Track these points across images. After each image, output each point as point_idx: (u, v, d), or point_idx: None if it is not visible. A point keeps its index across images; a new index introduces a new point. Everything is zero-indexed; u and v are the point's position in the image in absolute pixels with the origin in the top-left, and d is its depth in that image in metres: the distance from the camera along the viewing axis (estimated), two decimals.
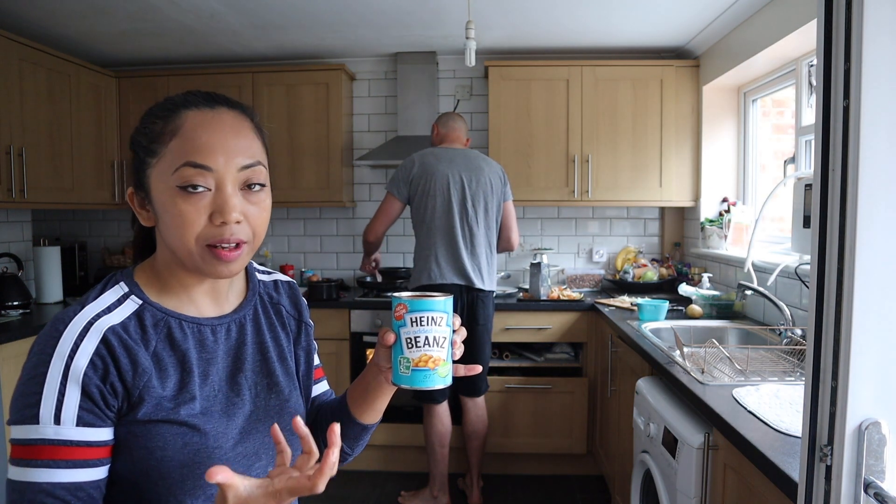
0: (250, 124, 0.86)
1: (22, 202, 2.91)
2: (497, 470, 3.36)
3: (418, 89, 3.66)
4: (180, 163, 0.79)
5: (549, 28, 3.23)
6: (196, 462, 0.81)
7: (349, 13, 2.98)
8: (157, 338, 0.83)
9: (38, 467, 0.74)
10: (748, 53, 2.82)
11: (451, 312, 0.83)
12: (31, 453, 0.74)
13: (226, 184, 0.80)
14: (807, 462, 0.85)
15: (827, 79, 0.81)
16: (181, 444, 0.80)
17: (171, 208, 0.80)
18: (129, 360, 0.79)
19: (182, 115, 0.82)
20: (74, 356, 0.76)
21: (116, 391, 0.78)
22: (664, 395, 1.95)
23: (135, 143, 0.86)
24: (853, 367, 0.79)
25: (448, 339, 0.82)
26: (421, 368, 0.80)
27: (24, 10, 2.84)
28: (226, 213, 0.79)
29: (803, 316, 2.29)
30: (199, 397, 0.84)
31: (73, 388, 0.75)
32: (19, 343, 2.56)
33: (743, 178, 3.37)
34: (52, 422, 0.74)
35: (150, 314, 0.84)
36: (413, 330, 0.81)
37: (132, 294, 0.84)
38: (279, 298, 1.01)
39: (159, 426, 0.80)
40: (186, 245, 0.80)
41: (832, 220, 0.81)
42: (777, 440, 1.30)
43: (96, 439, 0.77)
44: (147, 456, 0.79)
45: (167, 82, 3.61)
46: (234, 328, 0.91)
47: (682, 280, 3.38)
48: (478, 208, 2.80)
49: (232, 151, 0.81)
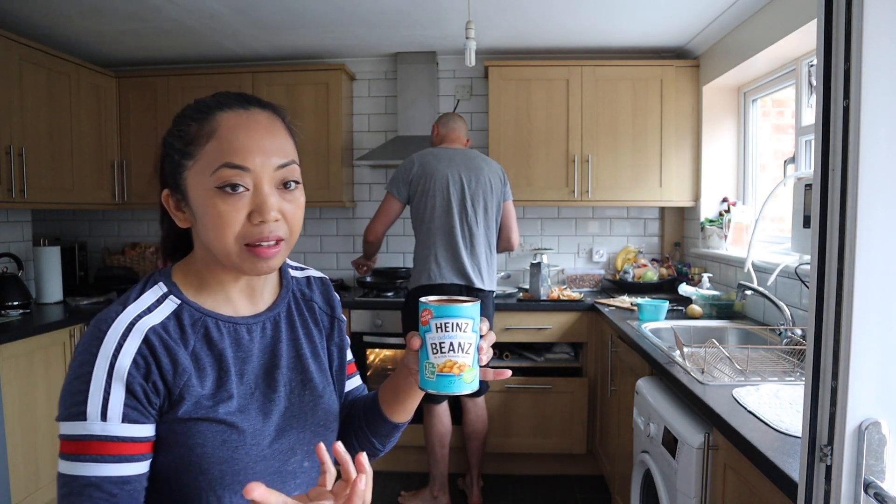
0: (282, 124, 0.88)
1: (22, 202, 2.91)
2: (497, 470, 3.36)
3: (418, 89, 3.66)
4: (218, 164, 0.81)
5: (549, 28, 3.23)
6: (234, 458, 0.83)
7: (349, 13, 2.98)
8: (195, 337, 0.86)
9: (87, 462, 0.77)
10: (748, 53, 2.82)
11: (478, 318, 0.83)
12: (80, 448, 0.77)
13: (263, 183, 0.82)
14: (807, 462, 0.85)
15: (827, 79, 0.81)
16: (220, 442, 0.83)
17: (210, 209, 0.81)
18: (169, 359, 0.81)
19: (217, 118, 0.83)
20: (118, 356, 0.79)
21: (158, 389, 0.81)
22: (664, 395, 1.95)
23: (168, 146, 0.86)
24: (853, 367, 0.79)
25: (474, 345, 0.82)
26: (446, 374, 0.81)
27: (24, 10, 2.84)
28: (264, 212, 0.81)
29: (803, 316, 2.28)
30: (237, 395, 0.86)
31: (117, 386, 0.78)
32: (19, 343, 2.55)
33: (743, 178, 3.37)
34: (99, 418, 0.77)
35: (188, 314, 0.86)
36: (438, 335, 0.81)
37: (171, 294, 0.87)
38: (312, 295, 1.02)
39: (199, 424, 0.82)
40: (226, 245, 0.82)
41: (832, 220, 0.81)
42: (777, 440, 1.30)
43: (140, 435, 0.80)
44: (187, 452, 0.82)
45: (167, 82, 3.61)
46: (269, 326, 0.93)
47: (682, 280, 3.38)
48: (477, 208, 2.80)
49: (267, 151, 0.82)
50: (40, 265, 3.22)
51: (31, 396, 2.62)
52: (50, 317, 2.86)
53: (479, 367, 0.84)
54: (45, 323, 2.72)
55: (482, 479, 3.12)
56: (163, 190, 0.88)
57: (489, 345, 0.86)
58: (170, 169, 0.86)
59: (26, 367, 2.60)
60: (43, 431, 2.69)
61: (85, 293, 3.50)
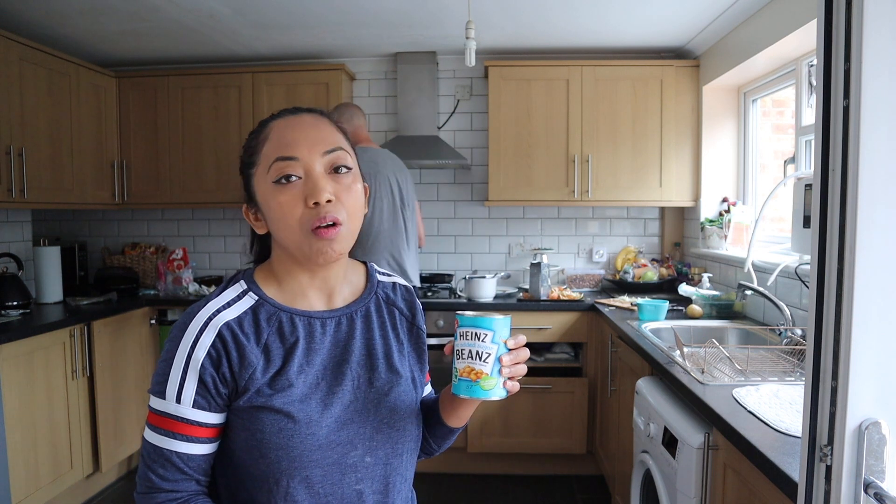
0: (328, 121, 0.96)
1: (22, 202, 2.91)
2: (497, 470, 3.36)
3: (418, 89, 3.66)
4: (272, 160, 0.90)
5: (548, 28, 3.23)
6: (290, 446, 0.89)
7: (349, 13, 2.98)
8: (270, 330, 0.93)
9: (162, 434, 0.89)
10: (748, 53, 2.82)
11: (502, 331, 0.88)
12: (160, 422, 0.89)
13: (313, 168, 0.89)
14: (807, 462, 0.85)
15: (827, 79, 0.81)
16: (276, 430, 0.89)
17: (272, 203, 0.90)
18: (238, 353, 0.89)
19: (270, 125, 0.94)
20: (195, 348, 0.89)
21: (226, 380, 0.89)
22: (664, 395, 1.95)
23: (242, 164, 0.96)
24: (853, 367, 0.79)
25: (493, 356, 0.87)
26: (464, 378, 0.88)
27: (24, 10, 2.84)
28: (317, 194, 0.88)
29: (803, 316, 2.28)
30: (298, 385, 0.91)
31: (192, 375, 0.88)
32: (19, 343, 2.55)
33: (743, 178, 3.37)
34: (175, 400, 0.88)
35: (264, 309, 0.94)
36: (460, 343, 0.89)
37: (250, 291, 0.95)
38: (395, 299, 1.07)
39: (258, 412, 0.89)
40: (292, 233, 0.89)
41: (832, 220, 0.81)
42: (777, 440, 1.30)
43: (207, 421, 0.90)
44: (249, 437, 0.90)
45: (167, 82, 3.61)
46: (344, 322, 0.98)
47: (682, 280, 3.38)
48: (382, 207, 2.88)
49: (313, 140, 0.91)
50: (40, 265, 3.22)
51: (31, 396, 2.62)
52: (50, 317, 2.86)
53: (499, 377, 0.88)
54: (45, 323, 2.72)
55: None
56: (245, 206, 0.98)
57: (513, 360, 0.89)
58: (244, 184, 0.96)
59: (26, 367, 2.60)
60: (43, 431, 2.69)
61: (85, 293, 3.50)
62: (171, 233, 4.05)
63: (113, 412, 3.12)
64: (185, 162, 3.64)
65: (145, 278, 3.79)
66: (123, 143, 3.65)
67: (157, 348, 3.49)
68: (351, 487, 0.92)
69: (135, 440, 3.31)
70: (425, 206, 3.77)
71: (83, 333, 2.93)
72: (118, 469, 3.31)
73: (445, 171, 3.86)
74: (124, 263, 3.81)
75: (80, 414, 2.92)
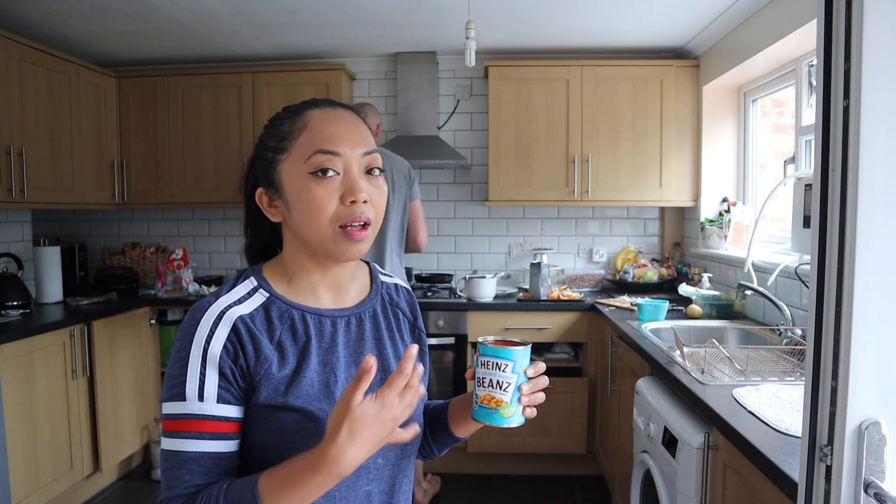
0: (363, 122, 0.97)
1: (22, 202, 2.91)
2: (497, 470, 3.36)
3: (418, 89, 3.66)
4: (311, 151, 0.88)
5: (548, 28, 3.23)
6: (310, 446, 0.85)
7: (349, 13, 2.98)
8: (282, 328, 0.91)
9: (187, 438, 0.84)
10: (748, 53, 2.82)
11: (522, 362, 0.90)
12: (181, 426, 0.84)
13: (352, 167, 0.89)
14: (807, 462, 0.85)
15: (827, 79, 0.81)
16: (297, 429, 0.87)
17: (305, 194, 0.88)
18: (253, 347, 0.88)
19: (308, 114, 0.92)
20: (211, 342, 0.86)
21: (244, 374, 0.87)
22: (664, 395, 1.95)
23: (262, 147, 0.94)
24: (853, 367, 0.79)
25: (513, 385, 0.89)
26: (485, 406, 0.90)
27: (24, 10, 2.84)
28: (356, 192, 0.88)
29: (803, 316, 2.28)
30: (315, 384, 0.90)
31: (211, 369, 0.85)
32: (19, 343, 2.55)
33: (743, 178, 3.37)
34: (197, 398, 0.84)
35: (276, 307, 0.92)
36: (481, 371, 0.90)
37: (261, 288, 0.93)
38: (398, 301, 1.07)
39: (278, 411, 0.87)
40: (321, 228, 0.88)
41: (832, 220, 0.81)
42: (777, 440, 1.30)
43: (232, 415, 0.87)
44: (268, 437, 0.88)
45: (167, 82, 3.61)
46: (353, 322, 0.97)
47: (682, 280, 3.38)
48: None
49: (355, 140, 0.90)
50: (40, 265, 3.22)
51: (31, 396, 2.62)
52: (50, 317, 2.86)
53: (518, 405, 0.90)
54: (45, 323, 2.72)
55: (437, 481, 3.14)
56: (254, 191, 0.94)
57: (532, 389, 0.92)
58: (262, 168, 0.93)
59: (26, 367, 2.60)
60: (43, 431, 2.69)
61: (85, 293, 3.50)
62: (171, 233, 4.05)
63: (113, 412, 3.12)
64: (185, 162, 3.64)
65: (145, 278, 3.79)
66: (123, 143, 3.65)
67: (157, 348, 3.49)
68: (362, 488, 0.92)
69: (135, 440, 3.31)
70: (425, 206, 3.77)
71: (83, 333, 2.93)
72: (118, 469, 3.31)
73: (445, 171, 3.86)
74: (124, 263, 3.81)
75: (80, 414, 2.92)
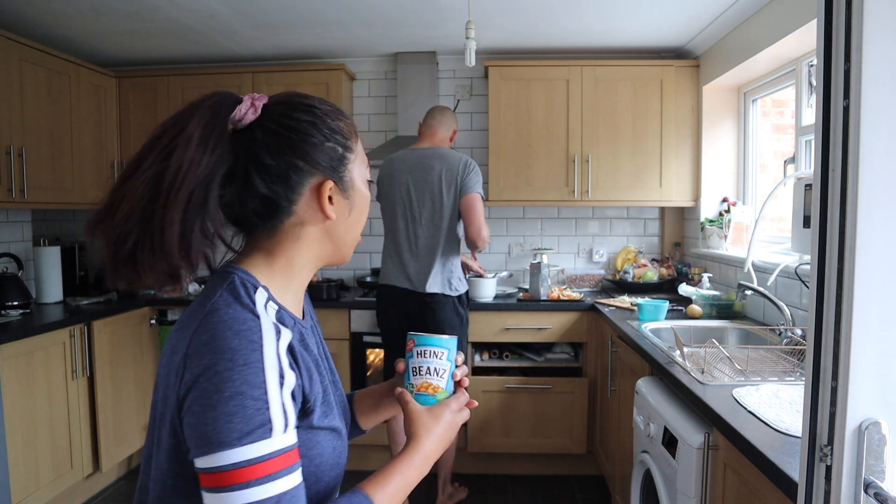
0: None
1: (22, 202, 2.91)
2: (497, 470, 3.36)
3: (418, 89, 3.66)
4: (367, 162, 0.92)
5: (548, 28, 3.23)
6: (339, 464, 0.87)
7: (349, 13, 2.98)
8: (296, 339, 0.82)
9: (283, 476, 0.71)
10: (748, 53, 2.82)
11: (454, 349, 0.96)
12: (272, 467, 0.70)
13: None
14: (807, 462, 0.85)
15: (827, 79, 0.81)
16: (331, 448, 0.84)
17: (363, 200, 0.90)
18: (303, 362, 0.81)
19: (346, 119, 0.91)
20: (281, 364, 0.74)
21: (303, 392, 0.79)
22: (664, 395, 1.95)
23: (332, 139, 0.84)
24: (853, 367, 0.79)
25: (448, 372, 0.95)
26: (422, 393, 0.94)
27: (24, 10, 2.84)
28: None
29: (803, 316, 2.28)
30: (329, 398, 0.87)
31: (287, 393, 0.74)
32: (19, 343, 2.55)
33: (743, 178, 3.37)
34: (284, 430, 0.72)
35: (287, 317, 0.83)
36: (418, 360, 0.95)
37: (271, 299, 0.81)
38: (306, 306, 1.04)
39: (318, 433, 0.81)
40: (356, 233, 0.91)
41: (832, 220, 0.81)
42: (777, 440, 1.30)
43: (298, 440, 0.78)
44: (307, 463, 0.79)
45: (167, 82, 3.61)
46: (317, 330, 0.98)
47: (682, 280, 3.38)
48: (423, 210, 2.76)
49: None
50: (40, 265, 3.22)
51: (31, 396, 2.62)
52: (50, 317, 2.86)
53: (452, 390, 0.96)
54: (45, 323, 2.72)
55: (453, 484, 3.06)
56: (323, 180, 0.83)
57: (463, 374, 0.96)
58: (329, 160, 0.84)
59: (26, 367, 2.60)
60: (43, 431, 2.69)
61: (85, 293, 3.50)
62: None
63: (113, 412, 3.12)
64: None
65: None
66: (123, 143, 3.65)
67: (157, 348, 3.49)
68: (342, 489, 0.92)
69: (135, 440, 3.31)
70: None
71: (83, 333, 2.93)
72: (118, 469, 3.31)
73: None
74: None
75: (80, 414, 2.92)
